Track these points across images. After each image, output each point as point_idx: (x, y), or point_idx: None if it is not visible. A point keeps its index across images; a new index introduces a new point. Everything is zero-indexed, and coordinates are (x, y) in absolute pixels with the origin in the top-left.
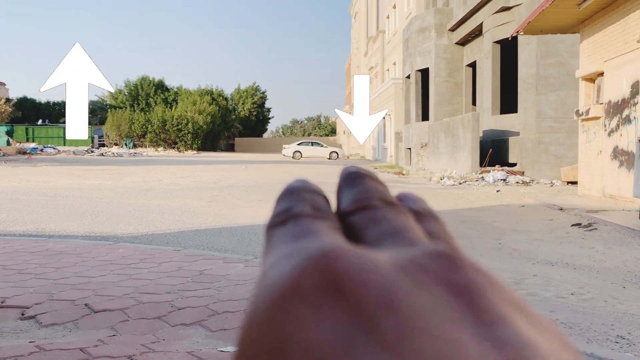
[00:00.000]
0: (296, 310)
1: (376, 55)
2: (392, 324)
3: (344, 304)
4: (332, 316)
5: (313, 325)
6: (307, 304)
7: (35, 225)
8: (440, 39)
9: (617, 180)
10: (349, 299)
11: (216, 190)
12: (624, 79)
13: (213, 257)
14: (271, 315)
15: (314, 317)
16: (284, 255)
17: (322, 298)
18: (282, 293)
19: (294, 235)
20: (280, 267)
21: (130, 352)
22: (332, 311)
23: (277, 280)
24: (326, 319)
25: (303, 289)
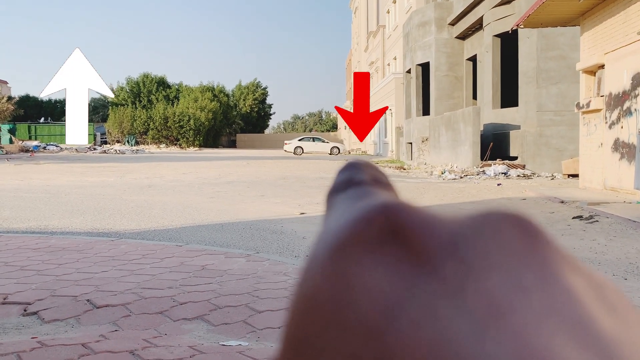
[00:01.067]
0: (359, 255)
1: (377, 50)
2: (456, 269)
3: (407, 250)
4: (394, 261)
5: (376, 269)
6: (370, 249)
7: (37, 222)
8: (440, 33)
9: (618, 173)
10: (412, 245)
11: (218, 186)
12: (625, 71)
13: (215, 252)
14: (333, 261)
15: (377, 262)
16: (344, 211)
17: (384, 244)
18: (344, 240)
19: (355, 197)
20: (341, 219)
21: (132, 347)
22: (395, 256)
23: (338, 229)
24: (389, 264)
25: (365, 235)
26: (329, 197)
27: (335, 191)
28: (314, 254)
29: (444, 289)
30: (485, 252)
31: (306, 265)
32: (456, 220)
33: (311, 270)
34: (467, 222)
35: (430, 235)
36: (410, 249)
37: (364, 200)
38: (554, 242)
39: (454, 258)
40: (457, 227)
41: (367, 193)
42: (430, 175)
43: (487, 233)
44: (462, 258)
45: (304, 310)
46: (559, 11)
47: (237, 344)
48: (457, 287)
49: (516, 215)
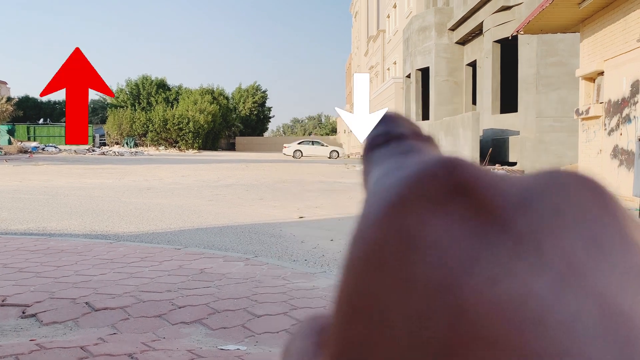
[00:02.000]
0: (421, 209)
1: (376, 54)
2: (527, 223)
3: (474, 204)
4: (463, 216)
5: (444, 223)
6: (434, 204)
7: (36, 224)
8: (440, 38)
9: (617, 179)
10: (480, 201)
11: (217, 189)
12: (624, 78)
13: (213, 255)
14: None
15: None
16: (397, 166)
17: (451, 199)
18: (406, 194)
19: (401, 152)
20: (396, 174)
21: (131, 351)
22: (463, 211)
23: (396, 183)
24: (458, 218)
25: (428, 189)
26: (367, 153)
27: (374, 146)
28: (367, 210)
29: (518, 246)
30: (558, 209)
31: (359, 224)
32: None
33: (367, 227)
34: (534, 180)
35: (499, 191)
36: (479, 205)
37: (413, 155)
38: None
39: (526, 214)
40: (526, 184)
41: (413, 148)
42: None
43: (558, 191)
44: (535, 214)
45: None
46: (559, 18)
47: (236, 348)
48: (532, 244)
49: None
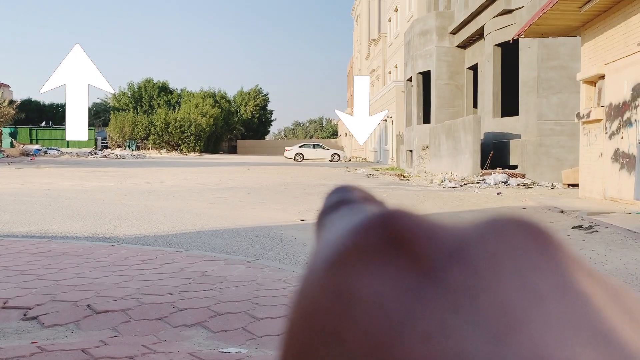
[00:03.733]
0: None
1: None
2: (462, 274)
3: (410, 257)
4: (397, 268)
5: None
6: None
7: (38, 227)
8: (441, 41)
9: (618, 183)
10: (415, 252)
11: (218, 192)
12: (625, 81)
13: (215, 258)
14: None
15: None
16: (340, 225)
17: (385, 252)
18: (342, 251)
19: (349, 214)
20: (337, 231)
21: (132, 353)
22: (398, 264)
23: (336, 239)
24: (392, 272)
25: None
26: (320, 219)
27: (326, 212)
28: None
29: (453, 298)
30: (494, 257)
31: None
32: (460, 226)
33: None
34: (472, 227)
35: (434, 241)
36: (414, 257)
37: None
38: (566, 247)
39: (461, 265)
40: (462, 232)
41: (361, 209)
42: (431, 184)
43: (495, 238)
44: (470, 264)
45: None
46: (560, 21)
47: (237, 351)
48: (467, 296)
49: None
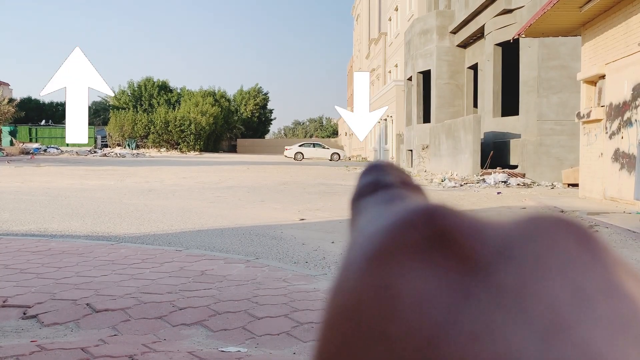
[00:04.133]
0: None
1: (378, 57)
2: (509, 274)
3: (455, 254)
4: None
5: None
6: (414, 255)
7: (37, 225)
8: (441, 41)
9: (618, 183)
10: (459, 249)
11: (218, 191)
12: (626, 81)
13: (214, 257)
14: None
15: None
16: (380, 214)
17: (431, 249)
18: (385, 245)
19: (388, 200)
20: (378, 223)
21: (132, 352)
22: (442, 262)
23: (377, 234)
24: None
25: (408, 240)
26: (354, 202)
27: (362, 195)
28: (349, 261)
29: (499, 297)
30: (541, 257)
31: (340, 275)
32: (504, 224)
33: (348, 280)
34: (517, 226)
35: (481, 239)
36: (460, 255)
37: (398, 203)
38: (609, 248)
39: (509, 264)
40: (507, 231)
41: (399, 196)
42: (431, 183)
43: (541, 237)
44: (517, 264)
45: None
46: (561, 21)
47: (236, 350)
48: (515, 295)
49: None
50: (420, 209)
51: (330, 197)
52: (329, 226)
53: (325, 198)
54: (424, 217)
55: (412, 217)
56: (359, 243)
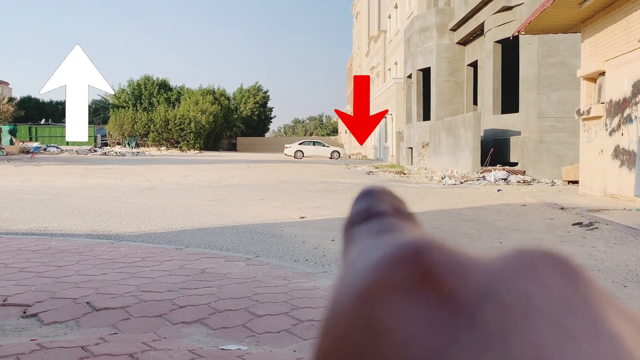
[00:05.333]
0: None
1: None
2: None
3: (441, 295)
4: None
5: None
6: (400, 294)
7: (37, 224)
8: (441, 38)
9: (618, 180)
10: (446, 290)
11: (218, 190)
12: (625, 78)
13: (214, 255)
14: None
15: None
16: (369, 248)
17: (416, 289)
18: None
19: (378, 231)
20: (367, 258)
21: (132, 350)
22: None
23: (364, 271)
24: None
25: (395, 279)
26: (347, 229)
27: (354, 222)
28: (337, 297)
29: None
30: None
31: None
32: (490, 260)
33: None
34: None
35: (465, 277)
36: (445, 294)
37: (388, 236)
38: (596, 283)
39: (492, 303)
40: (492, 268)
41: (391, 227)
42: (431, 181)
43: (526, 275)
44: (502, 303)
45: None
46: (560, 18)
47: (236, 348)
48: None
49: (553, 254)
50: (407, 245)
51: (330, 195)
52: (329, 224)
53: (325, 196)
54: (411, 255)
55: (398, 255)
56: (347, 279)
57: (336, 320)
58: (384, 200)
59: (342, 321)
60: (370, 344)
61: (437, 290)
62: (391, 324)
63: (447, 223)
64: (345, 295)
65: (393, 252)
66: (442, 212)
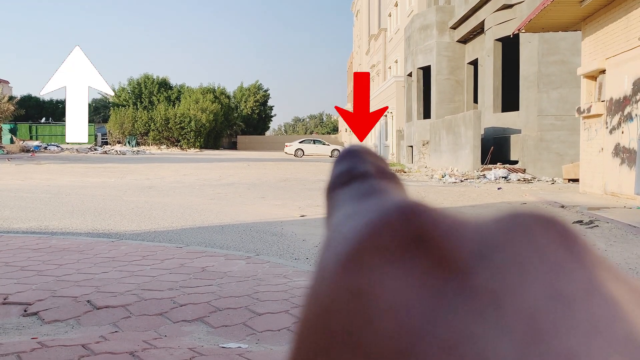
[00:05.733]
0: (376, 265)
1: (378, 53)
2: (488, 277)
3: (432, 257)
4: (418, 270)
5: (398, 281)
6: (389, 258)
7: (38, 223)
8: (441, 36)
9: (619, 178)
10: (436, 252)
11: (218, 188)
12: (626, 76)
13: (215, 254)
14: (346, 274)
15: (398, 273)
16: (354, 212)
17: (405, 251)
18: (358, 247)
19: (362, 194)
20: (352, 222)
21: (132, 348)
22: (418, 265)
23: (350, 235)
24: (412, 274)
25: (383, 242)
26: (329, 192)
27: (336, 185)
28: (322, 264)
29: (478, 303)
30: (520, 258)
31: (314, 278)
32: (483, 223)
33: (321, 284)
34: (495, 225)
35: (458, 240)
36: (437, 257)
37: (373, 198)
38: (591, 246)
39: (486, 266)
40: (485, 230)
41: (375, 189)
42: (431, 179)
43: (520, 237)
44: (495, 266)
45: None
46: (561, 16)
47: (237, 346)
48: (492, 300)
49: (547, 216)
50: (396, 207)
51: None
52: None
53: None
54: (400, 217)
55: (387, 217)
56: (332, 245)
57: (321, 289)
58: (367, 160)
59: (328, 289)
60: (358, 312)
61: (428, 254)
62: (380, 290)
63: None
64: (330, 261)
65: (380, 215)
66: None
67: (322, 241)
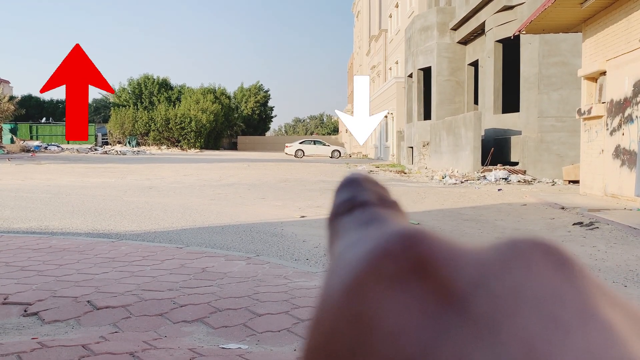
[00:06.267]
0: (378, 292)
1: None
2: (485, 304)
3: (431, 285)
4: (418, 298)
5: (398, 308)
6: (390, 285)
7: (38, 223)
8: (442, 37)
9: (619, 179)
10: (436, 279)
11: (219, 188)
12: (626, 78)
13: (215, 254)
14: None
15: (399, 300)
16: (357, 240)
17: (406, 279)
18: (360, 276)
19: (364, 222)
20: (355, 250)
21: (132, 349)
22: (419, 293)
23: (353, 262)
24: (412, 302)
25: (384, 270)
26: (332, 221)
27: (339, 214)
28: (326, 292)
29: (476, 330)
30: (517, 286)
31: (319, 305)
32: (482, 250)
33: (325, 309)
34: (494, 252)
35: (457, 268)
36: (436, 285)
37: (375, 226)
38: (588, 272)
39: (484, 294)
40: (484, 258)
41: (376, 217)
42: (431, 180)
43: (517, 265)
44: (493, 294)
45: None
46: (561, 17)
47: (237, 347)
48: (490, 327)
49: (545, 243)
50: (396, 236)
51: (331, 194)
52: None
53: (326, 195)
54: (400, 246)
55: (388, 245)
56: (336, 272)
57: (325, 315)
58: (368, 188)
59: (331, 315)
60: (360, 338)
61: (428, 282)
62: (381, 317)
63: (448, 222)
64: (334, 289)
65: (382, 244)
66: (443, 211)
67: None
